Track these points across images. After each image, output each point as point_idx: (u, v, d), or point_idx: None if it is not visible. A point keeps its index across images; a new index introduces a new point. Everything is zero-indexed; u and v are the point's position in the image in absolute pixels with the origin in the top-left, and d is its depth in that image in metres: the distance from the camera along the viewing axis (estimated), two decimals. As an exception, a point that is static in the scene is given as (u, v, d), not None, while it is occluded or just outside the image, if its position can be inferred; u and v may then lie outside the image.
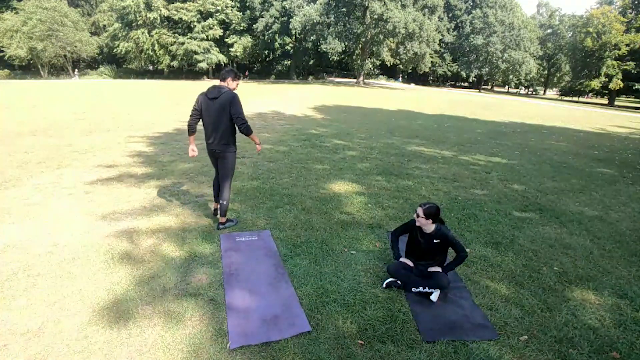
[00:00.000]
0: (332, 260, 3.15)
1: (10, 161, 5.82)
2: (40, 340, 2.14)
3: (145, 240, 3.37)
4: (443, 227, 2.79)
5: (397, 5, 33.03)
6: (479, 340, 2.29)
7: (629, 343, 2.33)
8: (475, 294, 2.78)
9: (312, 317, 2.43)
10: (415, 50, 35.40)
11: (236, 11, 41.16)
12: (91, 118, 10.77)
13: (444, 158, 7.30)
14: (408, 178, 5.71)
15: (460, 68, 48.56)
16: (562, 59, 49.78)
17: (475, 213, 4.38)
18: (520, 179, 6.05)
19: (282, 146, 7.65)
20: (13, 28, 35.92)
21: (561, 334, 2.37)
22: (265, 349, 2.14)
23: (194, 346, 2.14)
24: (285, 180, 5.31)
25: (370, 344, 2.23)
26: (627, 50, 37.66)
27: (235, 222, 3.76)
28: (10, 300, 2.47)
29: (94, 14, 46.17)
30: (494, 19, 43.93)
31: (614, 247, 3.71)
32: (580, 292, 2.87)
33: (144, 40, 39.34)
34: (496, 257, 3.34)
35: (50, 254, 3.07)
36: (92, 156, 6.33)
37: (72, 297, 2.53)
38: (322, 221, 3.93)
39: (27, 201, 4.21)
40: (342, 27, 33.95)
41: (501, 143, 9.50)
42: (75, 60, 42.92)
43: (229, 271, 2.93)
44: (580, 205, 4.96)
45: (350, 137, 9.04)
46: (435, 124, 12.89)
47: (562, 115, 20.33)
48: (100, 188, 4.74)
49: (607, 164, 7.77)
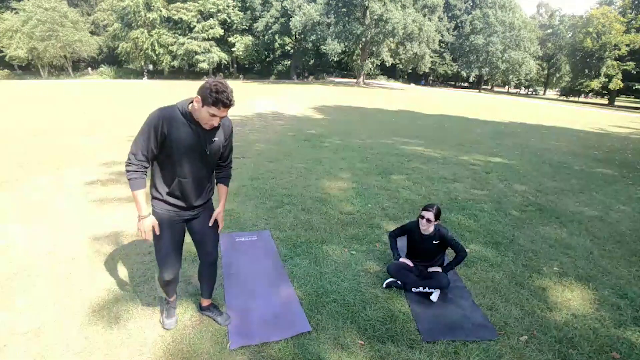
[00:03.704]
0: (332, 260, 3.14)
1: (10, 161, 5.82)
2: (40, 340, 2.13)
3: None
4: (442, 228, 2.80)
5: (397, 5, 33.08)
6: (479, 340, 2.29)
7: (629, 343, 2.33)
8: (475, 294, 2.78)
9: (312, 317, 2.43)
10: (415, 51, 35.47)
11: (237, 11, 41.19)
12: (91, 118, 10.77)
13: (444, 158, 7.30)
14: (408, 178, 5.70)
15: (460, 68, 48.59)
16: (562, 59, 49.80)
17: (475, 213, 4.38)
18: (520, 179, 6.05)
19: (282, 146, 7.65)
20: (13, 28, 35.92)
21: (561, 334, 2.37)
22: (265, 349, 2.14)
23: (194, 346, 2.14)
24: (285, 180, 5.31)
25: (370, 344, 2.22)
26: (627, 50, 37.70)
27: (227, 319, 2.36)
28: (10, 300, 2.47)
29: (94, 13, 46.18)
30: (494, 19, 43.95)
31: (614, 247, 3.70)
32: (580, 292, 2.87)
33: (144, 40, 39.37)
34: (496, 257, 3.34)
35: (50, 254, 3.07)
36: (92, 156, 6.33)
37: (72, 297, 2.53)
38: (322, 221, 3.93)
39: (27, 201, 4.21)
40: (342, 27, 33.97)
41: (501, 143, 9.49)
42: (75, 60, 42.93)
43: (229, 271, 2.93)
44: (580, 205, 4.96)
45: (350, 138, 9.03)
46: (436, 124, 12.89)
47: (562, 116, 20.33)
48: (101, 188, 4.74)
49: (607, 164, 7.77)
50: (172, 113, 1.80)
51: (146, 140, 1.79)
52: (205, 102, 1.72)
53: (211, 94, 1.69)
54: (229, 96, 1.72)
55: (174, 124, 1.79)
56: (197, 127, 1.83)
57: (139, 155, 1.82)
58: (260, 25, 38.93)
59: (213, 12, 39.92)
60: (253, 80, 41.87)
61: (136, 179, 1.86)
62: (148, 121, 1.79)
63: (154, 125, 1.77)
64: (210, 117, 1.75)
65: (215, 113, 1.74)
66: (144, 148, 1.80)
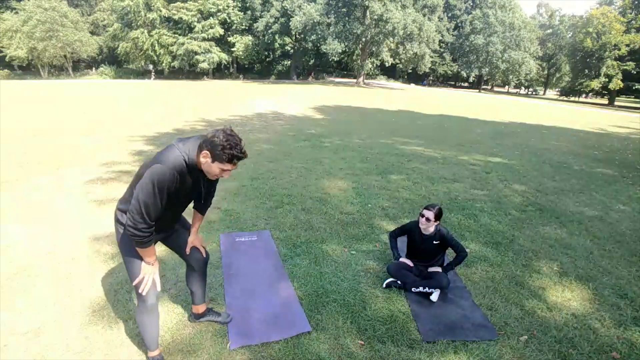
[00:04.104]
0: (332, 260, 3.14)
1: (10, 161, 5.82)
2: (40, 340, 2.13)
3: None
4: (442, 228, 2.80)
5: (397, 5, 33.10)
6: (479, 340, 2.29)
7: (629, 343, 2.33)
8: (475, 294, 2.78)
9: (312, 317, 2.43)
10: (415, 51, 35.48)
11: (237, 11, 41.20)
12: (91, 118, 10.77)
13: (444, 158, 7.30)
14: (408, 178, 5.71)
15: (460, 68, 48.59)
16: (562, 59, 49.82)
17: (475, 213, 4.38)
18: (520, 179, 6.05)
19: (282, 146, 7.65)
20: (13, 28, 35.94)
21: (561, 334, 2.37)
22: (265, 349, 2.14)
23: (194, 346, 2.14)
24: (285, 180, 5.31)
25: (370, 344, 2.22)
26: (627, 50, 37.70)
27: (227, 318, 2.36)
28: (10, 300, 2.47)
29: (93, 13, 46.18)
30: (494, 19, 43.96)
31: (614, 247, 3.70)
32: (580, 292, 2.87)
33: (144, 40, 39.37)
34: (496, 257, 3.34)
35: (50, 254, 3.07)
36: (92, 156, 6.33)
37: (72, 297, 2.53)
38: (322, 221, 3.93)
39: (27, 201, 4.21)
40: (342, 27, 33.99)
41: (501, 143, 9.50)
42: (75, 60, 42.94)
43: (229, 271, 2.93)
44: (580, 205, 4.96)
45: (350, 138, 9.03)
46: (435, 124, 12.89)
47: (562, 116, 20.34)
48: (101, 188, 4.74)
49: (607, 164, 7.77)
50: (181, 169, 1.63)
51: (158, 204, 1.62)
52: (218, 159, 1.59)
53: (225, 152, 1.57)
54: (242, 148, 1.62)
55: (181, 179, 1.65)
56: (202, 177, 1.74)
57: (152, 220, 1.63)
58: (260, 25, 38.93)
59: (213, 12, 39.93)
60: (253, 80, 41.88)
61: (150, 241, 1.69)
62: (158, 183, 1.58)
63: (166, 187, 1.60)
64: (221, 171, 1.65)
65: (229, 168, 1.64)
66: (157, 211, 1.63)
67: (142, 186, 1.58)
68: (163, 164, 1.58)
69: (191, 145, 1.66)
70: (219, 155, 1.58)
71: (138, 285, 1.77)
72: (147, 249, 1.71)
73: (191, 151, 1.65)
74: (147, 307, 1.81)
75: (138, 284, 1.77)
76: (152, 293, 1.80)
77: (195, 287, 2.20)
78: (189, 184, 1.71)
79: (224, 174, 1.67)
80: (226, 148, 1.57)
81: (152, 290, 1.80)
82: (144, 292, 1.76)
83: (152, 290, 1.80)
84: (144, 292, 1.77)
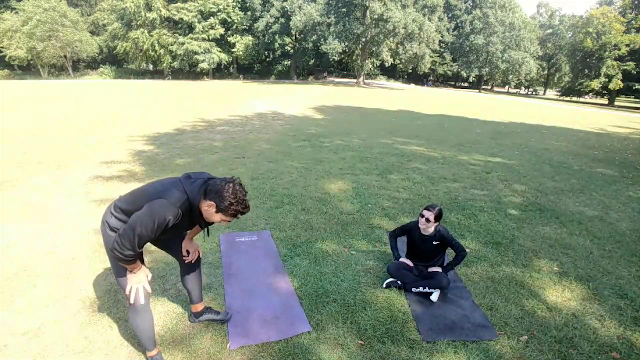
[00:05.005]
0: (332, 260, 3.14)
1: (10, 161, 5.82)
2: (40, 340, 2.13)
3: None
4: (442, 229, 2.80)
5: (397, 5, 33.11)
6: (479, 340, 2.29)
7: (629, 343, 2.33)
8: (475, 294, 2.78)
9: (312, 317, 2.43)
10: (415, 51, 35.49)
11: (238, 11, 41.22)
12: (91, 118, 10.77)
13: (444, 158, 7.30)
14: (408, 178, 5.71)
15: (460, 68, 48.61)
16: (562, 59, 49.81)
17: (475, 213, 4.38)
18: (520, 179, 6.05)
19: (282, 146, 7.65)
20: (13, 28, 35.96)
21: (561, 334, 2.37)
22: (265, 349, 2.14)
23: (194, 346, 2.14)
24: (285, 180, 5.31)
25: (370, 344, 2.22)
26: (627, 50, 37.71)
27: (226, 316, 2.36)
28: (10, 300, 2.47)
29: (93, 13, 46.19)
30: (494, 19, 43.99)
31: (614, 247, 3.70)
32: (580, 292, 2.87)
33: (144, 41, 39.38)
34: (496, 257, 3.34)
35: (50, 254, 3.07)
36: (92, 156, 6.33)
37: (72, 297, 2.53)
38: (322, 221, 3.93)
39: (27, 201, 4.21)
40: (342, 27, 34.00)
41: (501, 143, 9.50)
42: (75, 60, 42.95)
43: (229, 271, 2.93)
44: (580, 205, 4.96)
45: (350, 137, 9.04)
46: (435, 124, 12.89)
47: (562, 116, 20.34)
48: (101, 188, 4.74)
49: (607, 164, 7.77)
50: (185, 208, 1.65)
51: (152, 237, 1.63)
52: (223, 212, 1.63)
53: (231, 207, 1.60)
54: (247, 203, 1.66)
55: (182, 217, 1.67)
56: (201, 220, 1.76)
57: (140, 249, 1.65)
58: (261, 25, 38.95)
59: (213, 12, 39.94)
60: (253, 80, 41.89)
61: (134, 261, 1.70)
62: (159, 219, 1.57)
63: (164, 223, 1.61)
64: (222, 221, 1.69)
65: (230, 220, 1.68)
66: (147, 241, 1.67)
67: (140, 218, 1.57)
68: (167, 200, 1.60)
69: (197, 188, 1.67)
70: (225, 209, 1.62)
71: (124, 289, 1.81)
72: (130, 265, 1.71)
73: (196, 194, 1.66)
74: (138, 309, 1.82)
75: (129, 292, 1.79)
76: (142, 295, 1.81)
77: (191, 286, 2.20)
78: (186, 222, 1.74)
79: (223, 223, 1.71)
80: (233, 205, 1.60)
81: (142, 292, 1.81)
82: (132, 300, 1.78)
83: (141, 292, 1.81)
84: (132, 300, 1.78)
